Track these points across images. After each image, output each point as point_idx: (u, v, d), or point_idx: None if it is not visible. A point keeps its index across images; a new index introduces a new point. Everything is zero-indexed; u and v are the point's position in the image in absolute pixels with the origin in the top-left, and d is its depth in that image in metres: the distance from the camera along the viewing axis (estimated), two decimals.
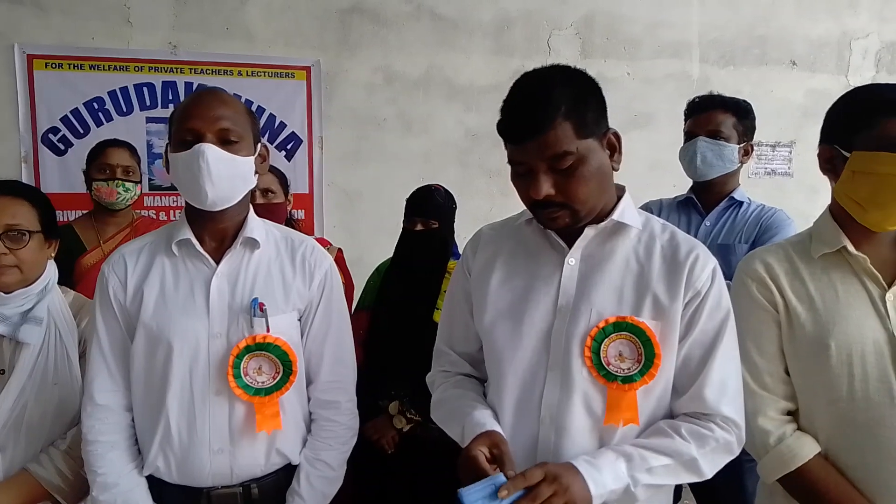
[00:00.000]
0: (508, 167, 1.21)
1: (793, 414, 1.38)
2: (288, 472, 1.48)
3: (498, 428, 1.21)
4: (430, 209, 2.18)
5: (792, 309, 1.36)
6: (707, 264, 1.21)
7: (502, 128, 1.18)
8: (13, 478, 1.50)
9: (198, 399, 1.38)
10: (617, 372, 1.16)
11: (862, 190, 1.30)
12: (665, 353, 1.17)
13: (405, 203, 2.25)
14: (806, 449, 1.32)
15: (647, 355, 1.16)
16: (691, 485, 2.21)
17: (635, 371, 1.16)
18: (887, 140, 1.25)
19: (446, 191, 2.27)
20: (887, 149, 1.25)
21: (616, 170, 1.23)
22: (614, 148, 1.22)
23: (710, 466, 1.17)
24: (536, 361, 1.22)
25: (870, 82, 1.48)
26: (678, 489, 2.19)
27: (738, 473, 1.94)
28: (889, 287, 1.31)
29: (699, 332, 1.19)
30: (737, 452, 1.19)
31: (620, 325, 1.17)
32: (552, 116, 1.11)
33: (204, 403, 1.38)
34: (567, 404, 1.19)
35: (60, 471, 1.52)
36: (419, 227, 2.18)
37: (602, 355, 1.16)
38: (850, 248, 1.34)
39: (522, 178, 1.18)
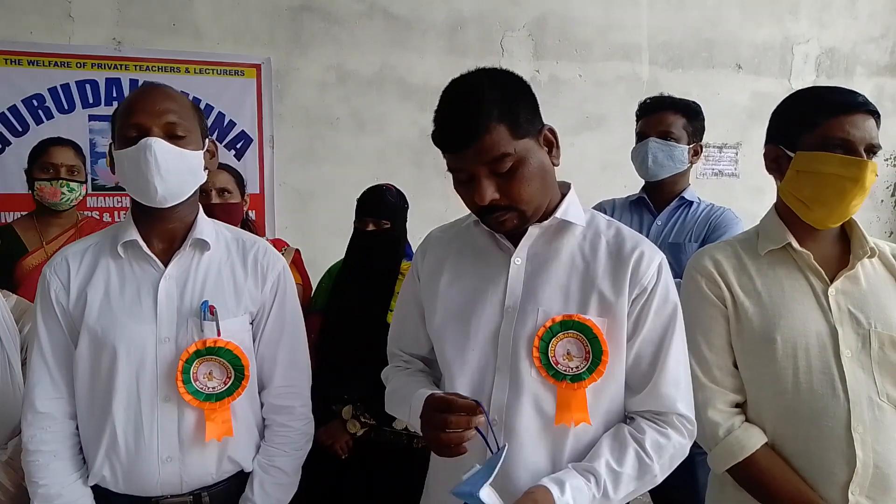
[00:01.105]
0: None
1: (741, 406, 1.41)
2: (240, 480, 1.44)
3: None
4: (381, 209, 2.16)
5: (740, 304, 1.39)
6: (653, 260, 1.21)
7: (437, 138, 1.17)
8: None
9: (145, 406, 1.34)
10: (566, 371, 1.16)
11: (805, 188, 1.35)
12: (613, 350, 1.17)
13: (356, 203, 2.22)
14: (753, 440, 1.35)
15: (595, 353, 1.16)
16: None
17: (584, 369, 1.16)
18: (829, 140, 1.31)
19: (398, 190, 2.25)
20: (829, 149, 1.31)
21: (556, 165, 1.23)
22: (551, 144, 1.21)
23: (664, 474, 1.19)
24: (485, 363, 1.22)
25: (810, 86, 1.54)
26: None
27: (690, 467, 1.96)
28: (831, 282, 1.36)
29: (648, 329, 1.20)
30: (688, 451, 1.21)
31: (567, 324, 1.17)
32: (485, 121, 1.10)
33: (152, 410, 1.34)
34: (516, 405, 1.19)
35: (0, 483, 1.45)
36: (371, 228, 2.16)
37: (550, 354, 1.16)
38: (795, 244, 1.39)
39: (465, 186, 1.17)
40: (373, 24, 3.58)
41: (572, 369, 1.16)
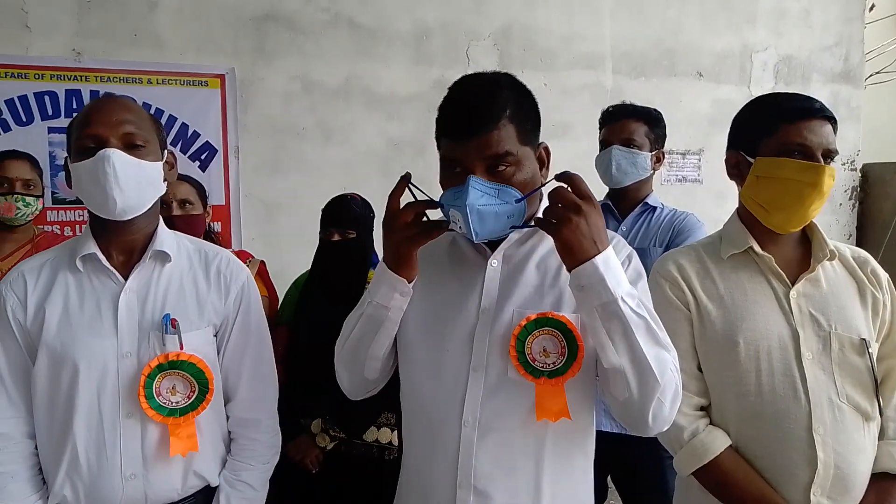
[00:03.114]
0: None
1: (706, 409, 1.43)
2: (207, 495, 1.42)
3: None
4: (346, 219, 2.15)
5: (703, 307, 1.41)
6: (621, 251, 1.22)
7: (444, 123, 1.17)
8: None
9: (107, 423, 1.31)
10: (543, 367, 1.16)
11: (765, 193, 1.37)
12: (588, 345, 1.17)
13: (321, 213, 2.21)
14: (717, 443, 1.37)
15: (571, 348, 1.16)
16: (615, 483, 2.26)
17: (560, 364, 1.16)
18: (787, 146, 1.33)
19: (363, 199, 2.24)
20: (788, 154, 1.33)
21: (544, 183, 1.24)
22: (543, 163, 1.24)
23: (668, 383, 1.10)
24: (459, 364, 1.22)
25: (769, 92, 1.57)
26: (603, 487, 2.24)
27: (660, 470, 2.00)
28: (792, 285, 1.39)
29: None
30: (678, 399, 1.16)
31: (542, 321, 1.17)
32: (499, 116, 1.12)
33: (114, 427, 1.31)
34: (492, 404, 1.19)
35: None
36: (336, 238, 2.14)
37: (527, 352, 1.16)
38: (757, 248, 1.41)
39: (454, 179, 1.16)
40: (338, 34, 3.57)
41: (549, 365, 1.16)
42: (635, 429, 1.16)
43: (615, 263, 1.08)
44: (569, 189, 1.09)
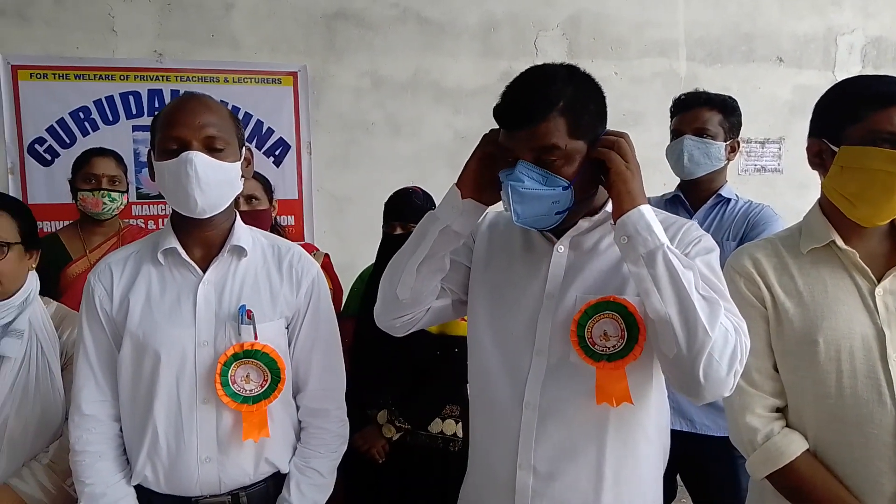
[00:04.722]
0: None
1: (782, 410, 1.37)
2: (277, 481, 1.46)
3: None
4: (408, 212, 2.17)
5: (780, 304, 1.35)
6: (692, 233, 1.21)
7: (498, 112, 1.19)
8: None
9: (185, 408, 1.37)
10: (603, 351, 1.16)
11: (850, 185, 1.28)
12: (650, 328, 1.15)
13: (384, 207, 2.23)
14: (793, 446, 1.31)
15: (631, 332, 1.15)
16: (686, 482, 2.20)
17: (620, 347, 1.15)
18: (875, 134, 1.23)
19: (424, 192, 2.25)
20: (875, 143, 1.23)
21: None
22: None
23: (721, 337, 1.07)
24: (522, 347, 1.23)
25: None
26: (672, 485, 2.18)
27: (732, 470, 1.94)
28: (878, 281, 1.30)
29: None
30: (739, 362, 1.10)
31: (602, 306, 1.17)
32: (548, 109, 1.13)
33: (191, 412, 1.37)
34: (554, 388, 1.20)
35: (42, 485, 1.50)
36: (398, 231, 2.16)
37: (587, 336, 1.16)
38: (840, 242, 1.33)
39: (506, 166, 1.18)
40: (406, 29, 3.59)
41: (609, 349, 1.15)
42: (688, 392, 1.12)
43: (657, 220, 1.11)
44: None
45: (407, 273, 1.27)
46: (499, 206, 1.31)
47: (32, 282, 1.61)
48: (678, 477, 2.20)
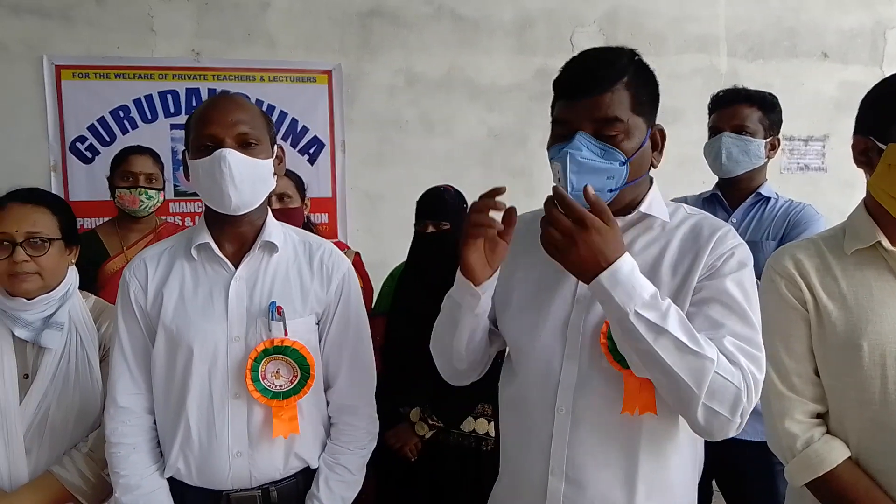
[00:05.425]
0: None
1: (822, 416, 1.32)
2: (307, 476, 1.47)
3: None
4: (439, 211, 2.16)
5: (822, 307, 1.30)
6: (726, 244, 1.16)
7: (560, 81, 1.17)
8: (37, 480, 1.53)
9: (217, 402, 1.39)
10: None
11: None
12: None
13: (416, 206, 2.23)
14: (835, 454, 1.26)
15: None
16: (721, 488, 2.15)
17: None
18: None
19: (456, 191, 2.24)
20: None
21: (655, 167, 1.22)
22: (657, 145, 1.21)
23: (709, 394, 1.03)
24: (553, 351, 1.21)
25: None
26: (707, 491, 2.14)
27: (770, 475, 1.89)
28: None
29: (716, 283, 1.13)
30: (746, 403, 1.07)
31: None
32: (615, 80, 1.12)
33: (223, 406, 1.39)
34: (585, 394, 1.17)
35: (82, 473, 1.54)
36: (430, 230, 2.16)
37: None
38: (886, 243, 1.28)
39: (561, 141, 1.14)
40: (440, 27, 3.59)
41: None
42: (698, 434, 1.12)
43: (626, 274, 1.04)
44: (561, 210, 1.05)
45: (456, 353, 1.28)
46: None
47: (72, 276, 1.65)
48: (713, 482, 2.16)
